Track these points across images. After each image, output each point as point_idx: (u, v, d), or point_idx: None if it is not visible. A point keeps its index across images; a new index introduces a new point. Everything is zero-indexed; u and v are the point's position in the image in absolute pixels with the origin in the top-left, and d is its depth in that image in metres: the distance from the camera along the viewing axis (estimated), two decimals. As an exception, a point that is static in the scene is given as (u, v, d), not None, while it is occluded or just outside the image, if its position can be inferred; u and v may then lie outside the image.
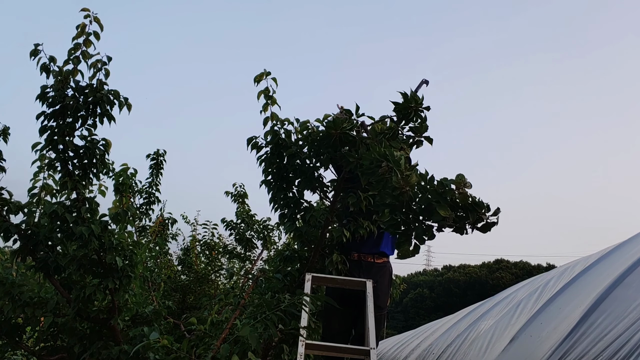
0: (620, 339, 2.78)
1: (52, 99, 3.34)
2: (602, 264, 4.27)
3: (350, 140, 3.24)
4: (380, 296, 3.63)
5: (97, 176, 3.50)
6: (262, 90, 3.74)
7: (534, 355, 3.56)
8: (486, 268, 49.38)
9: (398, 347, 11.31)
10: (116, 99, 3.39)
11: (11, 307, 3.52)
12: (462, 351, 5.71)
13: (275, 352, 3.24)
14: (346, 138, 3.24)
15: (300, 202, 3.73)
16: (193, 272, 7.13)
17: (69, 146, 3.38)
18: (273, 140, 3.67)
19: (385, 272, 3.86)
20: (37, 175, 3.84)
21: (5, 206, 3.48)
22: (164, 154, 6.43)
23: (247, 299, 4.08)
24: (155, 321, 3.88)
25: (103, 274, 3.44)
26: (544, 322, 3.99)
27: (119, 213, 3.56)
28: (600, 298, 3.38)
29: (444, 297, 46.84)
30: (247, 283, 6.70)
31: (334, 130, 3.23)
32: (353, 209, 3.55)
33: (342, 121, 3.26)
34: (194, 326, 2.97)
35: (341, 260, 3.62)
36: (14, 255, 3.51)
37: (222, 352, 2.57)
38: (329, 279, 3.48)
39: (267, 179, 3.74)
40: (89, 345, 3.56)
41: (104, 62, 3.40)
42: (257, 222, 6.91)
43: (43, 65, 3.36)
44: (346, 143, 3.26)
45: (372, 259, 3.81)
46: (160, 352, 2.78)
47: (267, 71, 3.72)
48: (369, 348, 3.03)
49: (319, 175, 3.71)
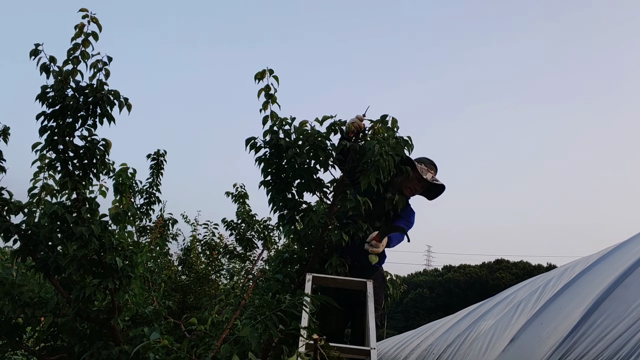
0: (621, 339, 2.78)
1: (52, 99, 3.33)
2: (602, 264, 4.27)
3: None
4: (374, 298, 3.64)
5: (97, 176, 3.49)
6: (263, 88, 3.70)
7: (534, 355, 3.56)
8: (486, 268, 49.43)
9: (398, 347, 11.31)
10: (116, 99, 3.39)
11: (11, 307, 3.52)
12: (462, 351, 5.71)
13: (276, 352, 3.24)
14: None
15: (299, 203, 3.72)
16: (193, 272, 7.13)
17: (69, 146, 3.37)
18: (272, 140, 3.65)
19: (378, 275, 3.86)
20: (37, 176, 3.83)
21: (6, 206, 3.48)
22: (165, 154, 6.42)
23: (247, 299, 4.08)
24: (155, 321, 3.88)
25: (103, 274, 3.43)
26: (544, 322, 3.99)
27: (119, 213, 3.55)
28: (601, 298, 3.38)
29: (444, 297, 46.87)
30: (248, 283, 6.70)
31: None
32: (352, 213, 3.53)
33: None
34: (194, 326, 2.97)
35: (340, 263, 3.60)
36: (14, 255, 3.51)
37: (223, 353, 2.56)
38: (330, 279, 3.48)
39: (266, 180, 3.72)
40: (89, 346, 3.56)
41: (105, 62, 3.39)
42: (258, 222, 6.91)
43: (43, 65, 3.35)
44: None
45: (365, 263, 3.81)
46: (161, 353, 2.77)
47: (270, 68, 3.69)
48: (369, 348, 3.03)
49: (318, 177, 3.69)
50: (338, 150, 3.58)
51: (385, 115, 3.57)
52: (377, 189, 3.45)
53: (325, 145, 3.58)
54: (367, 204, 3.48)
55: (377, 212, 3.67)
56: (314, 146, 3.57)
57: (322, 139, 3.58)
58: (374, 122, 3.57)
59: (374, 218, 3.67)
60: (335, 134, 3.63)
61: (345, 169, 3.56)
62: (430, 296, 48.82)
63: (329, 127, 3.62)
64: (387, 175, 3.43)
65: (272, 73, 3.69)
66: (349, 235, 3.52)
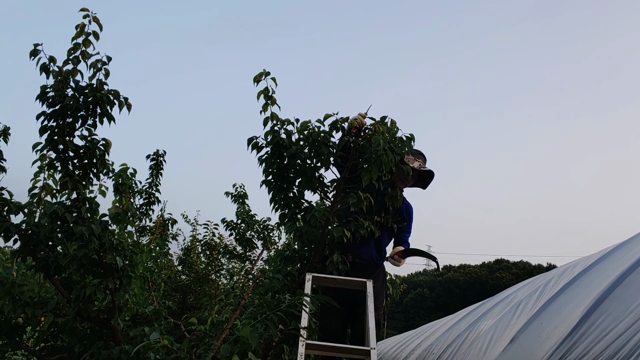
0: (621, 339, 2.78)
1: (52, 99, 3.34)
2: (602, 264, 4.27)
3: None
4: (376, 297, 3.64)
5: (97, 176, 3.49)
6: (262, 91, 3.73)
7: (534, 355, 3.56)
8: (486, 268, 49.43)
9: (398, 347, 11.32)
10: (116, 99, 3.39)
11: (11, 307, 3.52)
12: (462, 351, 5.71)
13: (276, 352, 3.24)
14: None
15: (301, 202, 3.74)
16: (193, 272, 7.13)
17: (69, 146, 3.37)
18: (273, 140, 3.67)
19: (379, 273, 3.88)
20: (38, 175, 3.83)
21: (6, 206, 3.48)
22: (164, 154, 6.42)
23: (247, 299, 4.08)
24: (155, 321, 3.88)
25: (103, 274, 3.43)
26: (544, 322, 3.99)
27: (119, 213, 3.55)
28: (601, 298, 3.38)
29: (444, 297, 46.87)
30: (247, 283, 6.70)
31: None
32: (354, 209, 3.56)
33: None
34: (194, 326, 2.97)
35: (342, 260, 3.62)
36: (14, 255, 3.51)
37: (222, 352, 2.57)
38: (330, 279, 3.48)
39: (268, 179, 3.74)
40: (89, 346, 3.56)
41: (104, 62, 3.39)
42: (258, 223, 6.91)
43: (43, 65, 3.35)
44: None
45: (366, 260, 3.82)
46: (161, 352, 2.78)
47: (267, 71, 3.71)
48: (369, 348, 3.03)
49: (320, 175, 3.72)
50: (340, 147, 3.62)
51: (384, 117, 3.61)
52: (378, 186, 3.48)
53: (328, 141, 3.62)
54: (368, 200, 3.50)
55: (377, 208, 3.70)
56: (317, 142, 3.60)
57: (325, 135, 3.62)
58: (376, 122, 3.59)
59: (374, 214, 3.70)
60: (337, 131, 3.67)
61: (347, 166, 3.58)
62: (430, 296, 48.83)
63: (331, 124, 3.66)
64: (387, 173, 3.46)
65: (269, 75, 3.71)
66: (350, 232, 3.54)
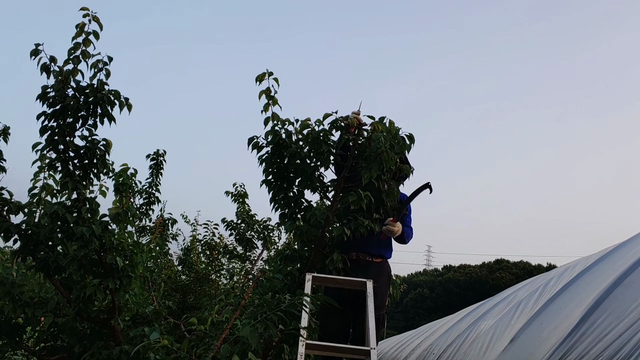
0: (621, 339, 2.78)
1: (52, 99, 3.34)
2: (602, 264, 4.27)
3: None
4: (378, 296, 3.63)
5: (98, 176, 3.49)
6: (264, 90, 3.73)
7: (534, 355, 3.56)
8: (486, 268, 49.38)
9: (398, 347, 11.32)
10: (117, 99, 3.39)
11: (11, 307, 3.52)
12: (462, 351, 5.71)
13: (276, 352, 3.24)
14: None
15: (301, 201, 3.74)
16: (193, 272, 7.13)
17: (69, 146, 3.37)
18: (274, 140, 3.68)
19: (383, 271, 3.86)
20: (38, 175, 3.83)
21: (6, 206, 3.48)
22: (164, 154, 6.42)
23: (247, 299, 4.08)
24: (155, 321, 3.88)
25: (103, 274, 3.44)
26: (544, 322, 3.99)
27: (119, 213, 3.55)
28: (601, 298, 3.38)
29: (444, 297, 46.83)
30: (248, 283, 6.71)
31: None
32: (354, 207, 3.56)
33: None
34: (194, 326, 2.97)
35: (342, 259, 3.62)
36: (14, 255, 3.51)
37: (223, 352, 2.57)
38: (330, 279, 3.48)
39: (268, 179, 3.75)
40: (89, 346, 3.56)
41: (105, 62, 3.39)
42: (258, 222, 6.92)
43: (43, 65, 3.35)
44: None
45: (370, 258, 3.82)
46: (161, 352, 2.78)
47: (270, 71, 3.71)
48: (369, 348, 3.03)
49: (320, 175, 3.73)
50: (340, 146, 3.65)
51: (382, 117, 3.62)
52: (377, 185, 3.49)
53: (328, 140, 3.65)
54: (368, 198, 3.50)
55: (375, 205, 3.70)
56: (317, 141, 3.62)
57: (325, 133, 3.65)
58: (375, 122, 3.60)
59: (373, 211, 3.70)
60: (337, 130, 3.69)
61: (347, 165, 3.60)
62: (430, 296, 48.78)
63: (331, 123, 3.67)
64: (387, 171, 3.47)
65: (272, 75, 3.71)
66: (350, 231, 3.54)
